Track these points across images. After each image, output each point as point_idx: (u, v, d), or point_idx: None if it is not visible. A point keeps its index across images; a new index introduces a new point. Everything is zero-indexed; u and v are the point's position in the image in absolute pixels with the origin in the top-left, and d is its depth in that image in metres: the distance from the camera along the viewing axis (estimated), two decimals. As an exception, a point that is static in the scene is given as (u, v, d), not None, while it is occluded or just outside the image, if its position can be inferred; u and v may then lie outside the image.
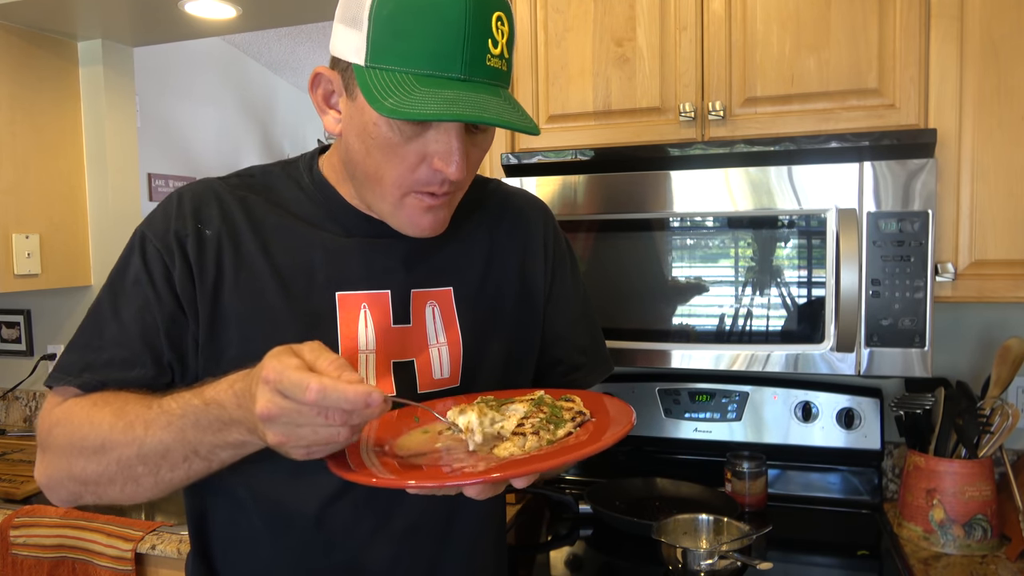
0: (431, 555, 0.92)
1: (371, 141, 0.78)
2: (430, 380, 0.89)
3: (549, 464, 0.66)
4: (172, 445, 0.74)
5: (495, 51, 0.75)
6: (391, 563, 0.89)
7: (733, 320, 1.38)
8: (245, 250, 0.85)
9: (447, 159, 0.77)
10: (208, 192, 0.88)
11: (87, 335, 0.85)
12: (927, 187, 1.26)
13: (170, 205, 0.87)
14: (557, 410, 0.76)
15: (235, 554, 0.91)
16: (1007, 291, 1.31)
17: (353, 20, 0.75)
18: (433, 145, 0.77)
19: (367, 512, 0.87)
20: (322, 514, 0.86)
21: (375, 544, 0.88)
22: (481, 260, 0.95)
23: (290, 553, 0.88)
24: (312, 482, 0.85)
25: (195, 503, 0.93)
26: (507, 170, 1.50)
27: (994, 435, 1.37)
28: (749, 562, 1.23)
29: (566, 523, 1.58)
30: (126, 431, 0.77)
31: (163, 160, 3.74)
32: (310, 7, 2.06)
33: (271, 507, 0.87)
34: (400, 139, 0.77)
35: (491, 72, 0.75)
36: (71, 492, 0.82)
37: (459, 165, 0.77)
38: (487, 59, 0.74)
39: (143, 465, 0.76)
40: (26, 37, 2.14)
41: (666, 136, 1.46)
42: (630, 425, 0.71)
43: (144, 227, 0.87)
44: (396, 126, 0.76)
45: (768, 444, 1.66)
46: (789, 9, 1.38)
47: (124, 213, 2.34)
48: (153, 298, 0.83)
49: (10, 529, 1.62)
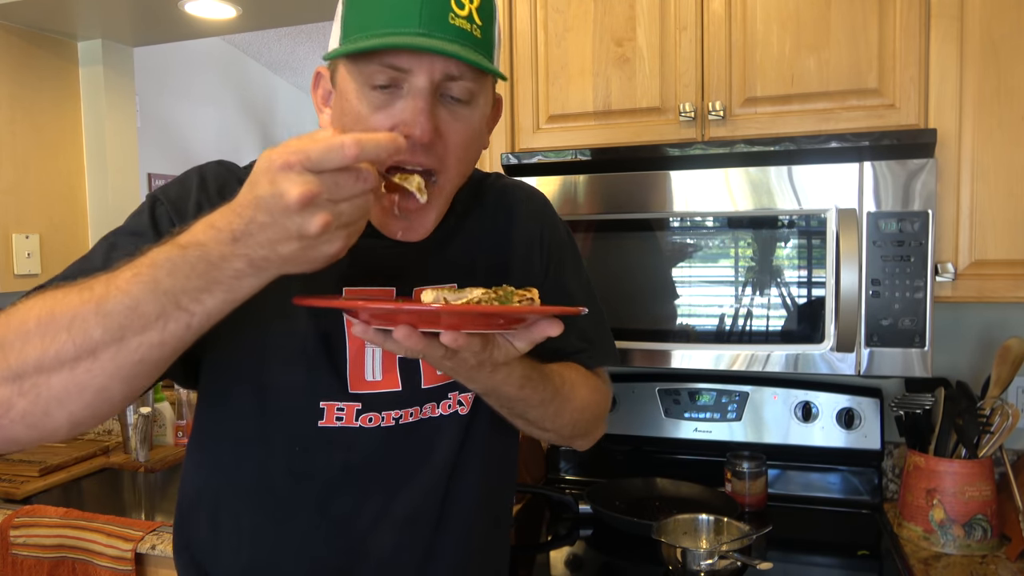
0: (429, 543, 0.92)
1: (346, 119, 0.78)
2: (433, 375, 0.89)
3: (481, 309, 0.67)
4: (142, 297, 0.62)
5: (461, 12, 0.74)
6: (392, 551, 0.89)
7: (733, 320, 1.38)
8: None
9: (412, 119, 0.74)
10: (229, 173, 0.88)
11: (66, 271, 0.80)
12: (927, 187, 1.26)
13: (190, 180, 0.86)
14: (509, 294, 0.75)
15: (230, 550, 0.90)
16: (1007, 291, 1.31)
17: (336, 16, 0.78)
18: (400, 113, 0.76)
19: (368, 500, 0.88)
20: (323, 503, 0.87)
21: (377, 532, 0.88)
22: (484, 255, 0.95)
23: (291, 543, 0.88)
24: (311, 470, 0.86)
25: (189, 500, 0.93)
26: (507, 170, 1.50)
27: (994, 435, 1.37)
28: (749, 562, 1.23)
29: (566, 523, 1.58)
30: (81, 292, 0.64)
31: (163, 160, 3.74)
32: (310, 7, 2.07)
33: (270, 497, 0.87)
34: (369, 110, 0.76)
35: (456, 31, 0.74)
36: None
37: (424, 127, 0.74)
38: (450, 17, 0.74)
39: (103, 327, 0.62)
40: (26, 37, 2.14)
41: (666, 136, 1.46)
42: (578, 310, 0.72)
43: (158, 192, 0.86)
44: (365, 97, 0.76)
45: (768, 444, 1.66)
46: (789, 9, 1.38)
47: (124, 213, 2.30)
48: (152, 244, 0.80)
49: (10, 529, 1.62)
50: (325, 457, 0.86)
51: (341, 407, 0.85)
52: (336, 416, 0.85)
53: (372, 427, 0.86)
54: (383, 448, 0.87)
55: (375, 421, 0.86)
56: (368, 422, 0.86)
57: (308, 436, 0.85)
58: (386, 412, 0.86)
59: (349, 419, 0.85)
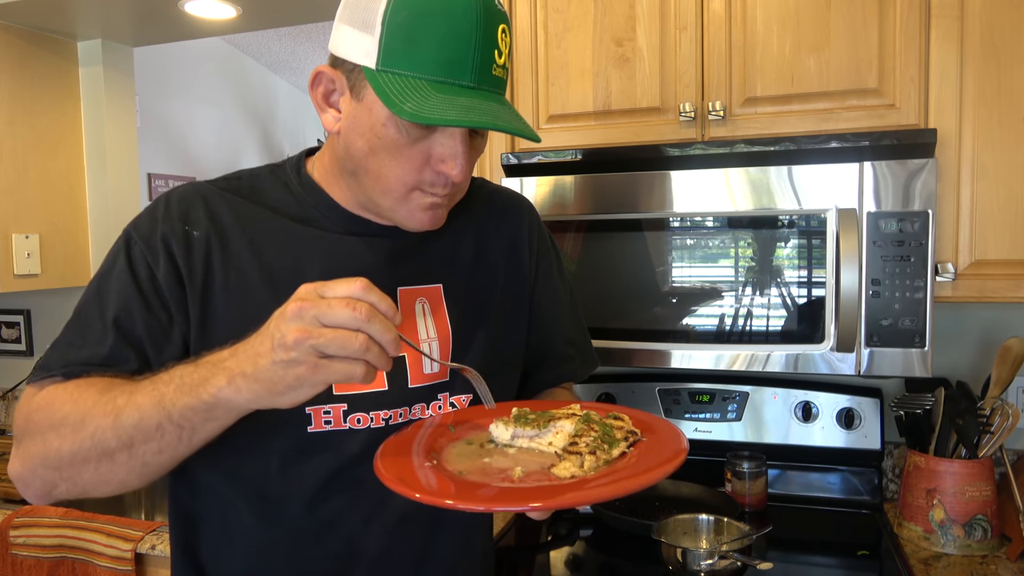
0: (422, 544, 0.93)
1: (377, 141, 0.80)
2: (420, 375, 0.90)
3: (628, 488, 0.66)
4: (148, 411, 0.71)
5: (500, 61, 0.79)
6: (384, 552, 0.90)
7: (733, 320, 1.38)
8: (233, 250, 0.86)
9: (451, 162, 0.80)
10: (195, 195, 0.89)
11: (70, 334, 0.84)
12: (927, 187, 1.26)
13: (157, 208, 0.88)
14: (608, 428, 0.76)
15: (227, 551, 0.91)
16: (1007, 291, 1.31)
17: (363, 23, 0.77)
18: (438, 148, 0.80)
19: (359, 502, 0.88)
20: (314, 504, 0.87)
21: (368, 533, 0.89)
22: (468, 257, 0.97)
23: (283, 544, 0.88)
24: (303, 473, 0.86)
25: (181, 505, 0.93)
26: (507, 170, 1.50)
27: (994, 435, 1.37)
28: (749, 562, 1.23)
29: (566, 523, 1.58)
30: (107, 403, 0.74)
31: (163, 160, 3.74)
32: (310, 7, 2.06)
33: (262, 500, 0.88)
34: (407, 141, 0.79)
35: (495, 81, 0.79)
36: (45, 481, 0.78)
37: (462, 168, 0.80)
38: (493, 68, 0.78)
39: (116, 438, 0.73)
40: (26, 37, 2.14)
41: (666, 136, 1.46)
42: (685, 449, 0.71)
43: (131, 228, 0.87)
44: (404, 128, 0.78)
45: (768, 444, 1.66)
46: (789, 9, 1.38)
47: (124, 213, 2.33)
48: (137, 299, 0.83)
49: (10, 529, 1.62)
50: (317, 461, 0.86)
51: (327, 410, 0.86)
52: (324, 420, 0.86)
53: (361, 428, 0.87)
54: (373, 449, 0.87)
55: (364, 422, 0.87)
56: (357, 423, 0.87)
57: (299, 442, 0.86)
58: (374, 412, 0.87)
59: (338, 422, 0.86)
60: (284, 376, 0.65)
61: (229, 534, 0.90)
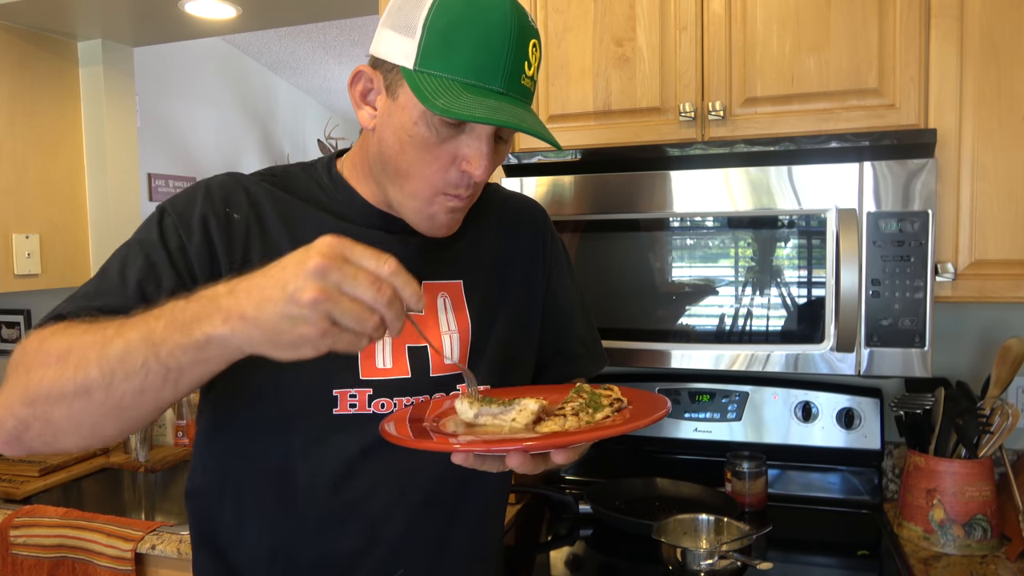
0: (443, 528, 0.95)
1: (408, 139, 0.83)
2: (441, 365, 0.93)
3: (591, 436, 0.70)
4: (135, 345, 0.66)
5: (528, 72, 0.83)
6: (406, 535, 0.92)
7: (733, 320, 1.38)
8: (272, 236, 0.89)
9: (476, 161, 0.83)
10: (235, 182, 0.92)
11: (87, 287, 0.84)
12: (927, 187, 1.26)
13: (197, 190, 0.90)
14: (596, 396, 0.81)
15: (248, 535, 0.92)
16: (1007, 291, 1.31)
17: (406, 28, 0.81)
18: (465, 148, 0.83)
19: (382, 485, 0.90)
20: (337, 488, 0.89)
21: (391, 516, 0.91)
22: (487, 257, 1.01)
23: (305, 527, 0.90)
24: (327, 455, 0.88)
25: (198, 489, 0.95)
26: (507, 170, 1.50)
27: (994, 435, 1.37)
28: (749, 562, 1.23)
29: (566, 523, 1.58)
30: (96, 331, 0.70)
31: (163, 160, 3.74)
32: (310, 7, 2.07)
33: (285, 482, 0.89)
34: (436, 139, 0.83)
35: (523, 90, 0.83)
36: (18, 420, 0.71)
37: (485, 168, 0.84)
38: (521, 78, 0.82)
39: (99, 369, 0.67)
40: (26, 37, 2.14)
41: (666, 136, 1.46)
42: (666, 409, 0.75)
43: (166, 204, 0.89)
44: (434, 127, 0.82)
45: (768, 444, 1.66)
46: (789, 9, 1.38)
47: (124, 213, 2.34)
48: (163, 263, 0.84)
49: (10, 529, 1.62)
50: (341, 443, 0.88)
51: (353, 393, 0.88)
52: (350, 403, 0.88)
53: (385, 413, 0.89)
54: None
55: (387, 407, 0.89)
56: (381, 408, 0.89)
57: (324, 423, 0.88)
58: (397, 398, 0.90)
59: (362, 406, 0.89)
60: (288, 331, 0.62)
61: (250, 518, 0.92)
